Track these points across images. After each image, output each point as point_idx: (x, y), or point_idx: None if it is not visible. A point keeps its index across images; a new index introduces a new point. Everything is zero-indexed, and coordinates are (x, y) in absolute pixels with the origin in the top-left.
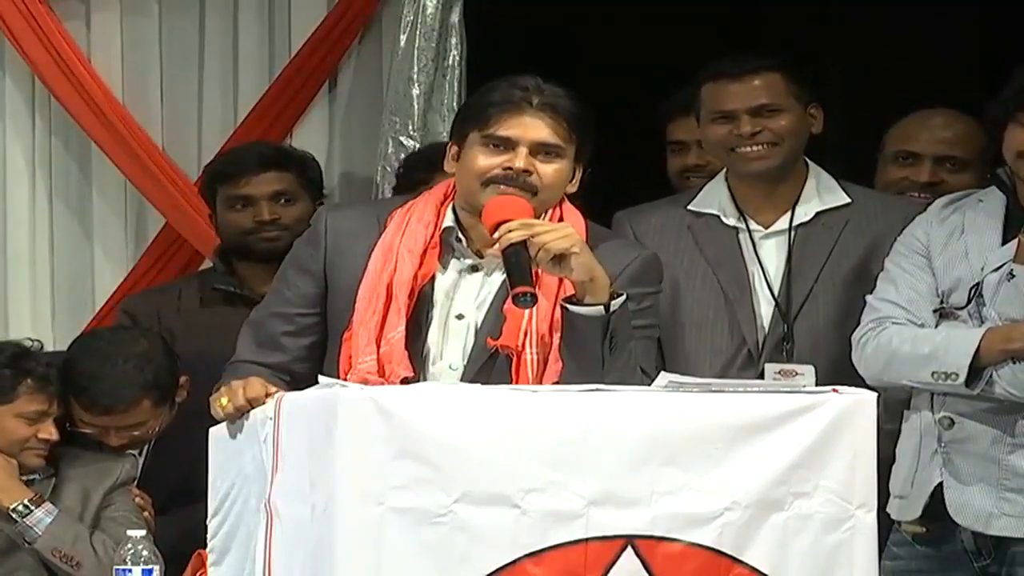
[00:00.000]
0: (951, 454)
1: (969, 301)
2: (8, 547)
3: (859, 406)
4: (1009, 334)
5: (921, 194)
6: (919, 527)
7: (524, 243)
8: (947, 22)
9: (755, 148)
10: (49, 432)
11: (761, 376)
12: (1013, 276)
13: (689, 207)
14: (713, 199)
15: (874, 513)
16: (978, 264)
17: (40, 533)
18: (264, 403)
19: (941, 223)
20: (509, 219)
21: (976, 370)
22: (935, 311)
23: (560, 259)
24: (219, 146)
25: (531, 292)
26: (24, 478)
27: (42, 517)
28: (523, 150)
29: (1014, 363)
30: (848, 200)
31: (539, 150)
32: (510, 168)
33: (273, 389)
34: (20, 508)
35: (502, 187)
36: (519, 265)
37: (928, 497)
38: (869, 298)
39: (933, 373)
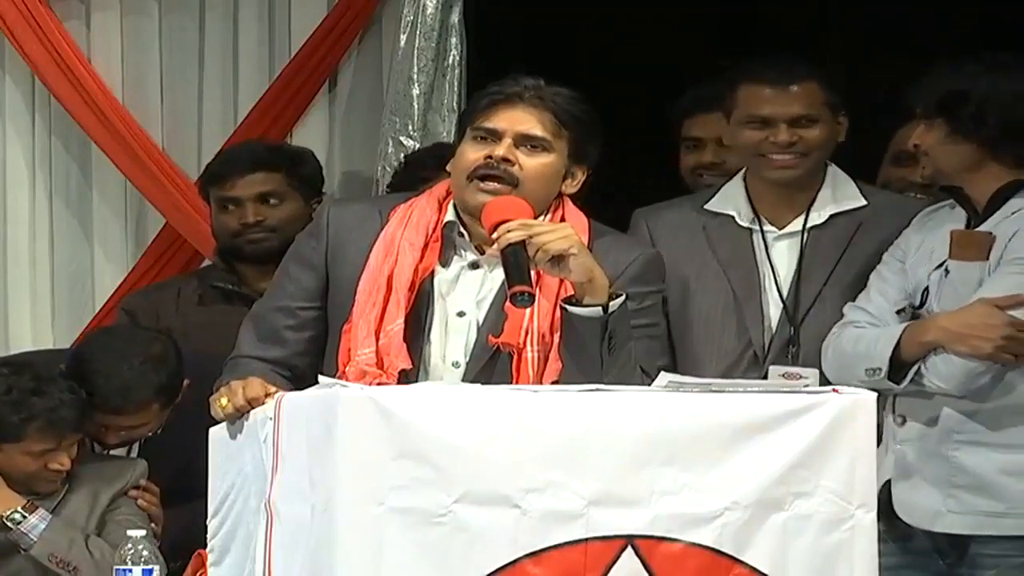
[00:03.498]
0: (905, 452)
1: (923, 301)
2: (7, 551)
3: (859, 406)
4: (924, 326)
5: (918, 194)
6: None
7: (523, 243)
8: (947, 23)
9: (786, 157)
10: (60, 462)
11: (765, 378)
12: (948, 272)
13: (706, 207)
14: (730, 200)
15: (874, 513)
16: (935, 265)
17: (35, 539)
18: (264, 403)
19: (919, 228)
20: (508, 219)
21: (901, 365)
22: (898, 312)
23: (558, 260)
24: (219, 146)
25: (528, 292)
26: None
27: (36, 523)
28: (507, 141)
29: (936, 355)
30: (864, 203)
31: (524, 142)
32: (491, 157)
33: (273, 389)
34: (14, 516)
35: (484, 183)
36: (517, 265)
37: (879, 495)
38: (846, 305)
39: (866, 370)
